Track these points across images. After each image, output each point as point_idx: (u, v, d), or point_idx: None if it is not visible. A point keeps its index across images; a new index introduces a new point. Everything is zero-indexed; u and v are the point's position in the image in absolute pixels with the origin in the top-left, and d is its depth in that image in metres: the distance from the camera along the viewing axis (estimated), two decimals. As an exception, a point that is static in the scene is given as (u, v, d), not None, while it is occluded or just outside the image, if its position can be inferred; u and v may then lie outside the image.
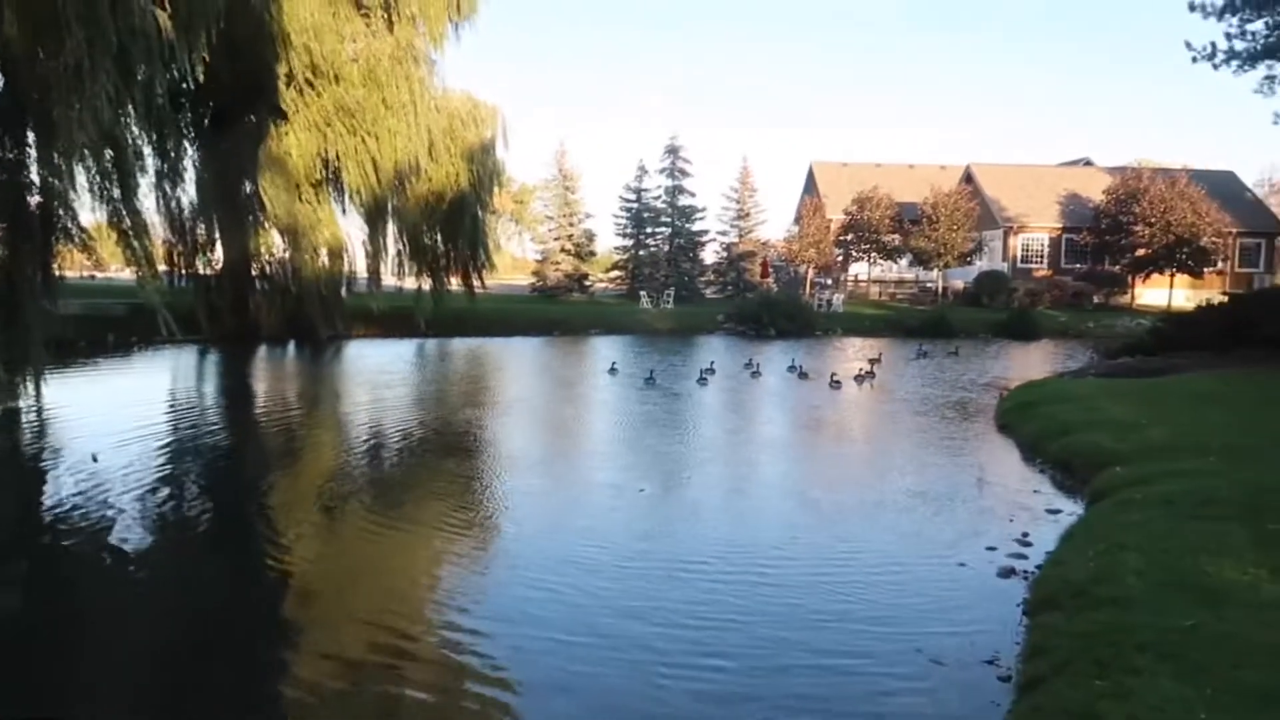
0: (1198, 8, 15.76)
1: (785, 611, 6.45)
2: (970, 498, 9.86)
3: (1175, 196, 41.34)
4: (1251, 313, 20.39)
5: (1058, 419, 12.72)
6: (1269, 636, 4.77)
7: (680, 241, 44.90)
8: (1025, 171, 51.49)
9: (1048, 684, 4.73)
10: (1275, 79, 15.93)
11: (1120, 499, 8.24)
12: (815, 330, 34.79)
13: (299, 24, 23.48)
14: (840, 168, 54.47)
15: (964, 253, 43.43)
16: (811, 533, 8.55)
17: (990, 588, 6.94)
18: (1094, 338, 29.88)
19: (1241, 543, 6.39)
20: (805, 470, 11.78)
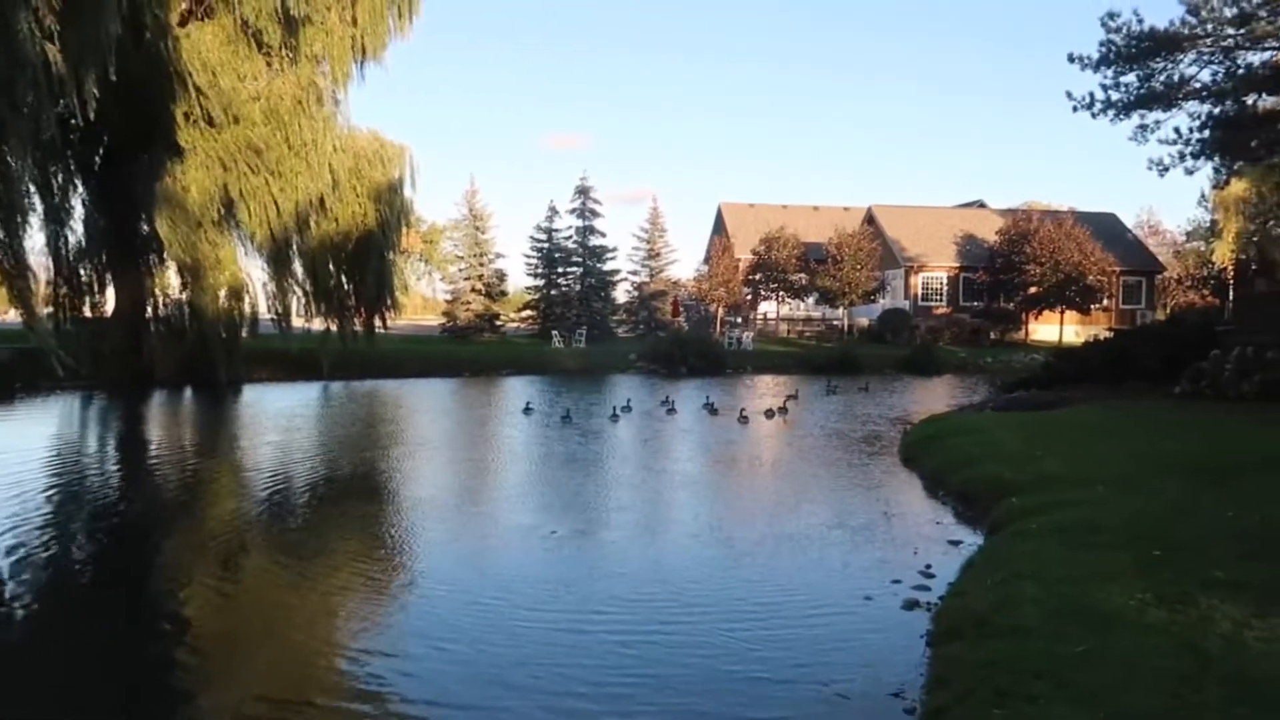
0: (1076, 60, 16.71)
1: (690, 652, 6.39)
2: (876, 531, 10.02)
3: (1063, 237, 43.50)
4: (1135, 347, 21.46)
5: (958, 452, 13.10)
6: (1153, 660, 4.95)
7: (592, 281, 45.10)
8: (924, 213, 53.48)
9: (950, 714, 4.81)
10: (1147, 127, 16.97)
11: (1017, 529, 8.49)
12: (726, 368, 35.20)
13: (198, 61, 22.94)
14: (748, 208, 55.69)
15: (868, 291, 44.78)
16: (720, 570, 8.55)
17: (895, 620, 7.04)
18: (991, 372, 31.01)
19: (1128, 569, 6.63)
20: (717, 507, 11.82)
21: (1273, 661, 4.87)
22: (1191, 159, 17.29)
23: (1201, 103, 16.76)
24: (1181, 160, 17.28)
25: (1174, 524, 8.02)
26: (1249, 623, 5.43)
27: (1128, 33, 15.80)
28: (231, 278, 25.82)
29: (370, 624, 6.94)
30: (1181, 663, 4.91)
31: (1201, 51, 15.98)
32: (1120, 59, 16.03)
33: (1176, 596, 5.95)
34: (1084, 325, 43.04)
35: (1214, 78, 16.36)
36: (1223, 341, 19.17)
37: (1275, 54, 16.18)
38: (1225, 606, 5.72)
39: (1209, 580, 6.27)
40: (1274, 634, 5.24)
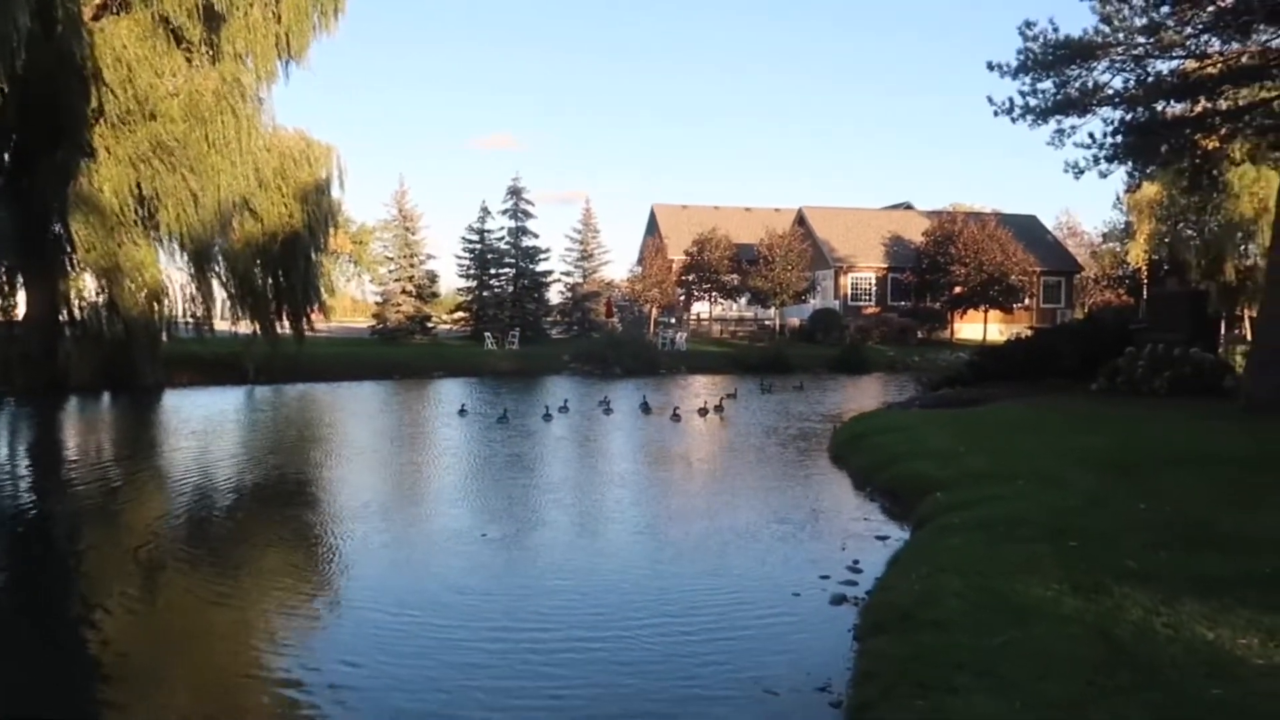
0: (995, 67, 17.16)
1: (620, 652, 6.41)
2: (805, 528, 10.17)
3: (986, 238, 44.62)
4: (1054, 345, 22.13)
5: (885, 449, 13.36)
6: (1068, 648, 5.10)
7: (525, 282, 44.85)
8: (853, 214, 54.39)
9: (875, 708, 4.89)
10: (1064, 132, 17.47)
11: (941, 524, 8.68)
12: (660, 369, 35.32)
13: (111, 57, 22.21)
14: (680, 210, 55.99)
15: (799, 292, 45.36)
16: (651, 569, 8.59)
17: (823, 615, 7.15)
18: (918, 371, 31.63)
19: (1047, 561, 6.83)
20: (650, 506, 11.84)
21: (1178, 647, 5.07)
22: (1105, 163, 17.84)
23: (1114, 109, 17.30)
24: (1096, 164, 17.82)
25: (1090, 516, 8.29)
26: (1158, 610, 5.64)
27: (1044, 41, 16.28)
28: (151, 279, 25.03)
29: (296, 644, 6.64)
30: (1095, 650, 5.08)
31: (1114, 59, 16.51)
32: (1037, 66, 16.50)
33: (1091, 586, 6.15)
34: (1007, 324, 44.20)
35: (1126, 85, 16.91)
36: (1136, 339, 19.89)
37: (1182, 63, 16.83)
38: (1136, 595, 5.93)
39: (1122, 570, 6.50)
40: (1180, 621, 5.45)
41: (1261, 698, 4.40)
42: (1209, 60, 16.50)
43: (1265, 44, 16.14)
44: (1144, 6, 15.75)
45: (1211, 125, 17.93)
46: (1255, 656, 4.90)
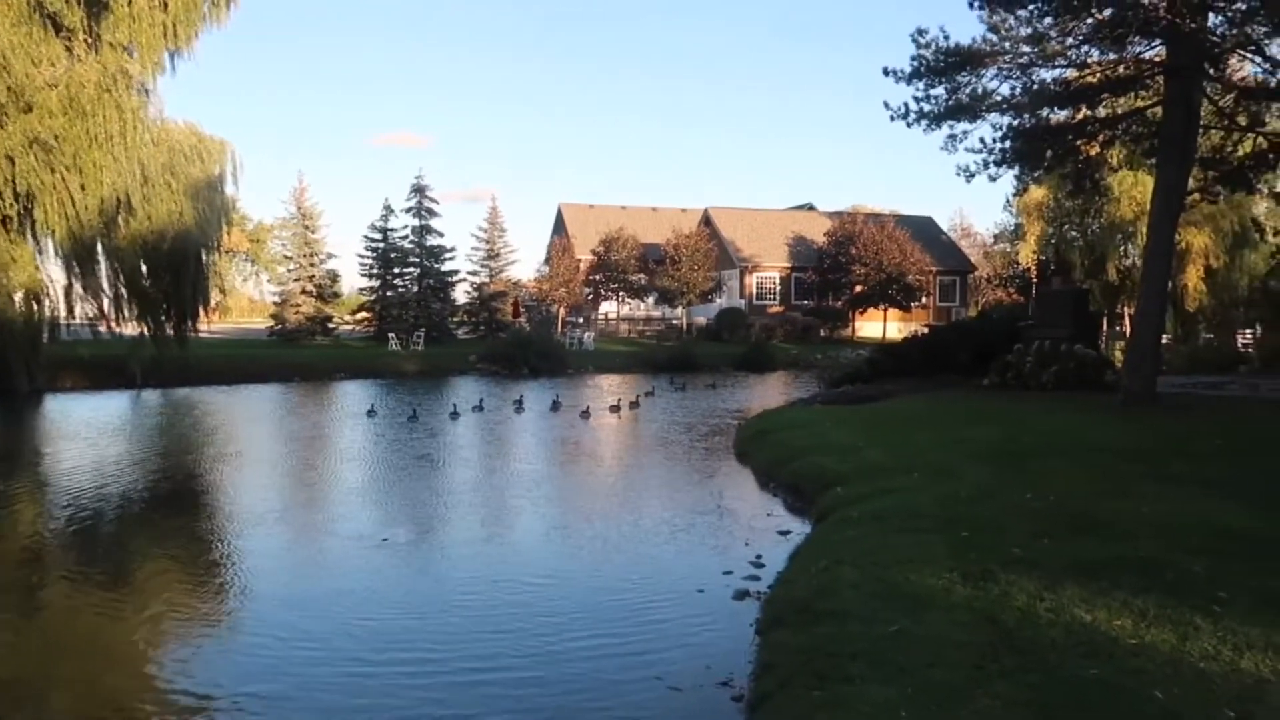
0: (891, 73, 17.62)
1: (522, 652, 6.38)
2: (710, 525, 10.28)
3: (885, 239, 45.90)
4: (948, 342, 22.89)
5: (788, 445, 13.61)
6: (958, 635, 5.29)
7: (430, 282, 44.14)
8: (757, 215, 55.25)
9: (773, 699, 4.98)
10: (956, 137, 18.02)
11: (840, 517, 8.90)
12: (568, 368, 35.23)
13: (-18, 44, 21.02)
14: (588, 209, 55.98)
15: (705, 291, 45.83)
16: (557, 569, 8.58)
17: (727, 610, 7.24)
18: (821, 368, 32.29)
19: (939, 551, 7.06)
20: (557, 506, 11.80)
21: (1059, 630, 5.30)
22: (995, 167, 18.48)
23: (1002, 115, 17.93)
24: (986, 168, 18.45)
25: (980, 507, 8.60)
26: (1041, 595, 5.89)
27: (936, 48, 16.79)
28: (28, 279, 23.76)
29: (185, 662, 6.36)
30: (982, 636, 5.28)
31: (1002, 67, 17.12)
32: (930, 73, 17.00)
33: (980, 574, 6.38)
34: (905, 322, 45.52)
35: (1013, 92, 17.56)
36: (1024, 336, 20.73)
37: (1065, 72, 17.59)
38: (1021, 581, 6.18)
39: (1008, 558, 6.76)
40: (1061, 605, 5.70)
41: (1132, 675, 4.64)
42: (1089, 70, 17.27)
43: (1138, 55, 16.98)
44: (1028, 17, 16.38)
45: (1092, 132, 18.77)
46: (1128, 636, 5.16)
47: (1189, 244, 37.19)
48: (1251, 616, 5.39)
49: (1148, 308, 17.33)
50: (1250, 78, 18.66)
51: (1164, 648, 4.99)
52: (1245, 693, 4.41)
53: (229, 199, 27.84)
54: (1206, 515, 7.95)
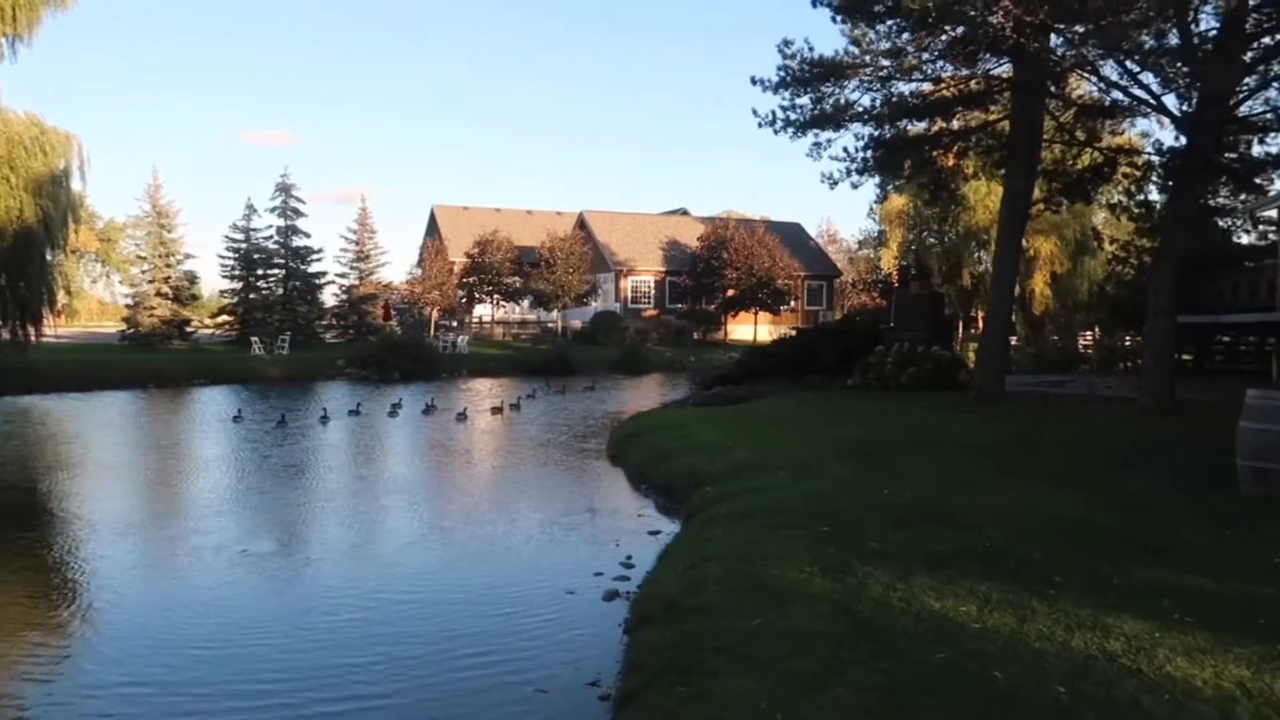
0: (758, 82, 18.08)
1: (388, 659, 6.26)
2: (581, 527, 10.31)
3: (755, 244, 47.00)
4: (815, 345, 23.63)
5: (659, 446, 13.78)
6: (817, 626, 5.48)
7: (296, 284, 42.60)
8: (632, 219, 55.66)
9: (640, 697, 5.03)
10: (821, 145, 18.65)
11: (708, 516, 9.06)
12: (441, 372, 34.66)
13: None
14: (461, 211, 55.22)
15: (580, 294, 45.91)
16: (425, 576, 8.44)
17: (596, 611, 7.28)
18: (694, 370, 32.86)
19: (801, 547, 7.28)
20: (428, 510, 11.57)
21: (910, 618, 5.55)
22: (857, 175, 19.20)
23: (864, 125, 18.64)
24: (849, 176, 19.14)
25: (841, 502, 8.92)
26: (894, 586, 6.15)
27: (801, 59, 17.32)
28: None
29: (17, 685, 6.05)
30: (839, 627, 5.47)
31: (863, 79, 17.80)
32: (795, 82, 17.53)
33: (839, 567, 6.61)
34: (775, 325, 46.72)
35: (874, 103, 18.28)
36: (885, 338, 21.60)
37: (921, 85, 18.43)
38: (877, 573, 6.44)
39: (866, 551, 7.04)
40: (912, 594, 5.97)
41: (975, 657, 4.90)
42: (944, 84, 18.15)
43: (988, 72, 17.96)
44: (888, 32, 17.08)
45: (947, 143, 19.74)
46: (973, 621, 5.45)
47: (1036, 251, 39.50)
48: (1082, 598, 5.78)
49: (997, 311, 18.34)
50: (1087, 96, 19.99)
51: (1004, 630, 5.29)
52: (1075, 670, 4.72)
53: (76, 195, 26.16)
54: (1046, 506, 8.48)
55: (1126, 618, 5.41)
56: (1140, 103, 16.55)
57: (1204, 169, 15.95)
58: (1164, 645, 4.97)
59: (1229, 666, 4.68)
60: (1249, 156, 18.06)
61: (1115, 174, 19.66)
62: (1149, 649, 4.93)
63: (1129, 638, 5.10)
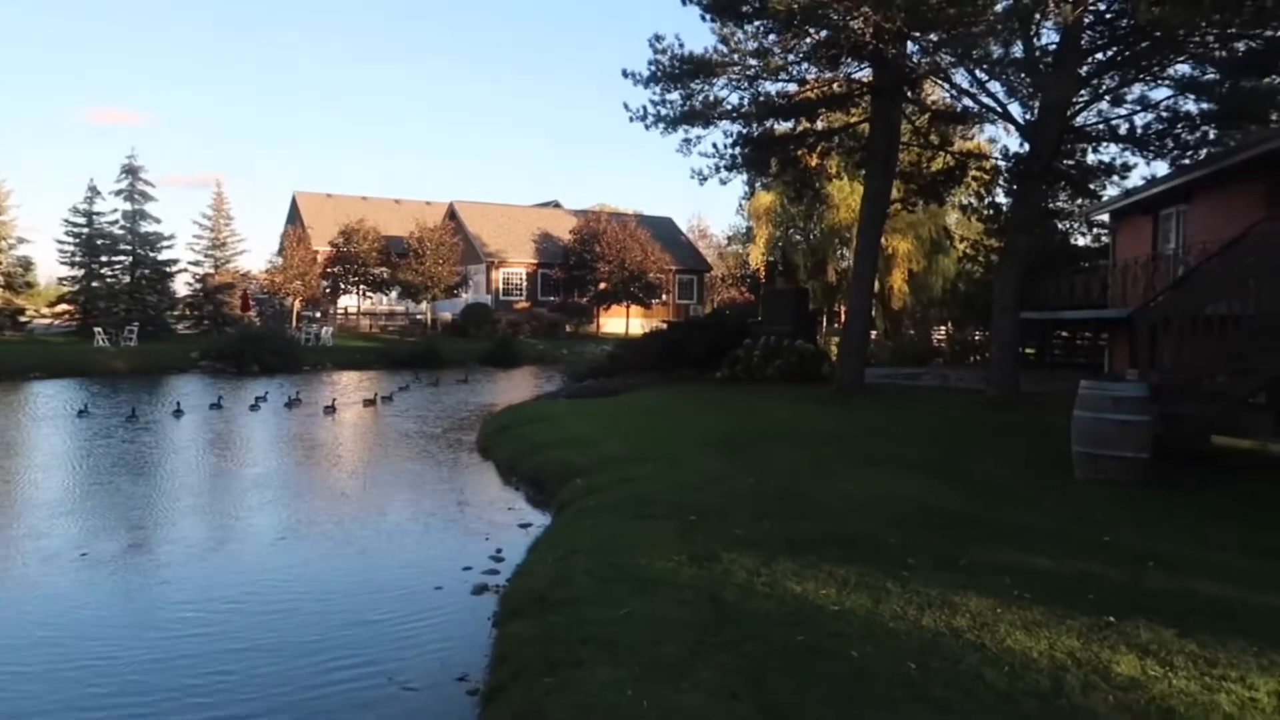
0: (630, 75, 18.22)
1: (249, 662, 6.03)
2: (450, 521, 10.18)
3: (627, 238, 47.31)
4: (685, 338, 23.97)
5: (530, 439, 13.72)
6: (683, 613, 5.58)
7: (145, 272, 40.26)
8: (503, 210, 55.11)
9: (507, 690, 5.01)
10: (690, 141, 18.95)
11: (579, 507, 9.09)
12: (304, 365, 33.50)
13: None
14: (325, 199, 53.45)
15: (450, 286, 45.15)
16: (286, 576, 8.15)
17: (465, 606, 7.20)
18: (566, 363, 32.81)
19: (670, 536, 7.40)
20: (290, 507, 11.16)
21: (773, 602, 5.73)
22: (725, 171, 19.61)
23: (732, 123, 19.05)
24: (717, 172, 19.53)
25: (709, 492, 9.09)
26: (759, 572, 6.33)
27: (672, 55, 17.53)
28: None
29: None
30: (705, 613, 5.59)
31: (731, 78, 18.17)
32: (666, 78, 17.74)
33: (705, 555, 6.75)
34: (646, 318, 47.13)
35: (742, 101, 18.70)
36: (753, 332, 22.13)
37: (787, 85, 18.95)
38: (742, 560, 6.61)
39: (732, 539, 7.20)
40: (775, 579, 6.16)
41: (833, 638, 5.10)
42: (808, 86, 18.72)
43: (849, 75, 18.62)
44: (755, 32, 17.48)
45: (811, 143, 20.37)
46: (831, 604, 5.67)
47: (894, 249, 41.18)
48: (933, 579, 6.09)
49: (857, 306, 19.06)
50: (941, 102, 21.00)
51: (861, 612, 5.52)
52: (925, 646, 4.97)
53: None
54: (901, 491, 8.89)
55: (972, 596, 5.73)
56: (988, 110, 17.51)
57: (1044, 174, 16.99)
58: (1005, 620, 5.30)
59: (1062, 638, 5.02)
60: (1084, 164, 19.34)
61: (966, 177, 20.73)
62: (991, 624, 5.24)
63: (974, 614, 5.41)
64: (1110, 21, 15.32)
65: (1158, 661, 4.69)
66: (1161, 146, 16.19)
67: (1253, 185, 14.75)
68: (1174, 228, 18.30)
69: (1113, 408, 9.20)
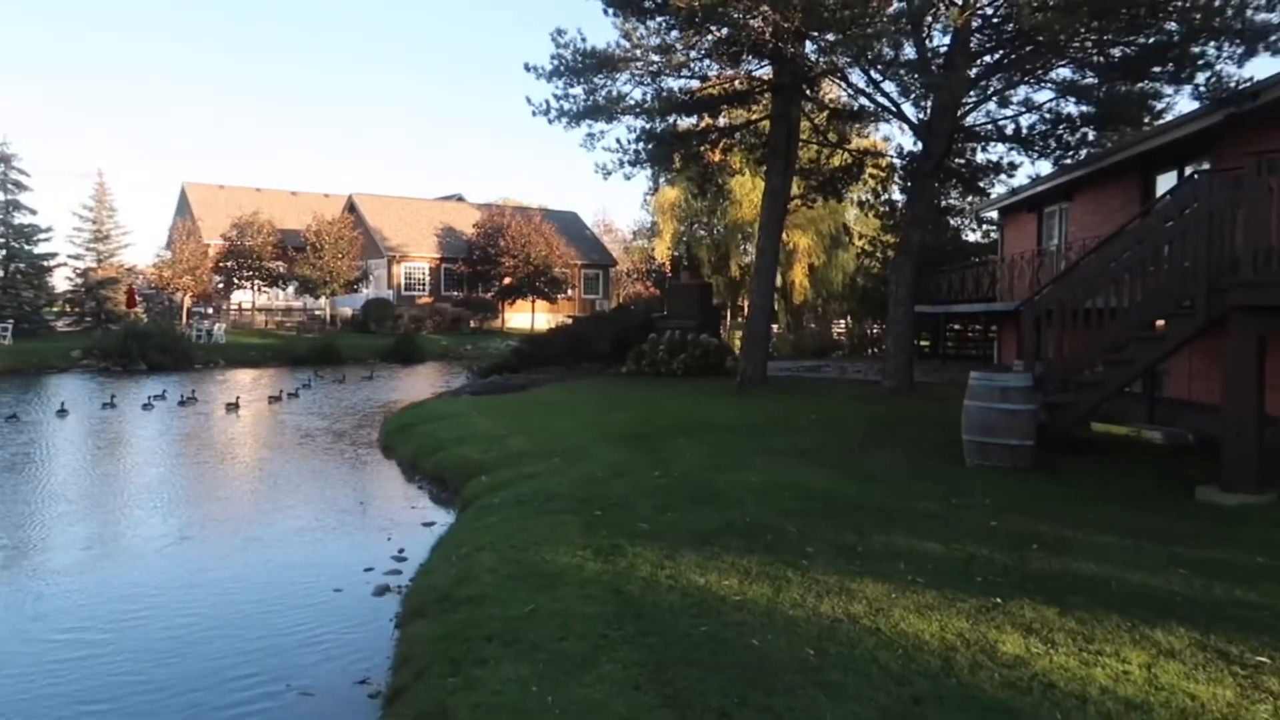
0: (532, 69, 18.07)
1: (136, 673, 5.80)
2: (350, 521, 9.96)
3: (532, 232, 47.02)
4: (590, 333, 23.99)
5: (433, 437, 13.53)
6: (588, 607, 5.59)
7: (20, 266, 38.10)
8: (405, 204, 54.10)
9: (410, 691, 4.94)
10: (594, 136, 18.92)
11: (482, 504, 9.01)
12: (195, 363, 32.31)
13: None
14: (217, 190, 51.60)
15: (350, 281, 44.10)
16: (177, 582, 7.84)
17: (366, 608, 7.06)
18: (470, 359, 32.43)
19: (574, 531, 7.40)
20: (183, 509, 10.70)
21: (676, 594, 5.79)
22: (629, 166, 19.65)
23: (636, 118, 19.09)
24: (621, 167, 19.56)
25: (613, 486, 9.13)
26: (662, 564, 6.39)
27: (574, 49, 17.47)
28: None
29: None
30: (609, 607, 5.61)
31: (635, 73, 18.20)
32: (569, 72, 17.65)
33: (610, 549, 6.78)
34: (552, 313, 47.00)
35: (645, 97, 18.76)
36: (658, 327, 22.28)
37: (690, 81, 19.09)
38: (646, 553, 6.66)
39: (636, 532, 7.25)
40: (679, 571, 6.22)
41: (735, 627, 5.18)
42: (710, 82, 18.89)
43: (750, 73, 18.88)
44: (658, 28, 17.56)
45: (714, 139, 20.59)
46: (733, 594, 5.76)
47: (795, 244, 42.02)
48: (831, 566, 6.25)
49: (759, 300, 19.36)
50: (838, 100, 21.47)
51: (762, 601, 5.62)
52: (823, 632, 5.10)
53: None
54: (801, 481, 9.08)
55: (868, 582, 5.90)
56: (883, 109, 17.98)
57: (937, 172, 17.56)
58: (899, 605, 5.48)
59: (952, 620, 5.22)
60: (974, 162, 20.05)
61: (863, 174, 21.26)
62: (886, 609, 5.41)
63: (870, 600, 5.57)
64: (997, 26, 15.90)
65: (1040, 639, 4.92)
66: (1045, 147, 16.90)
67: (1127, 184, 15.56)
68: (1057, 224, 19.16)
69: (1000, 398, 9.59)
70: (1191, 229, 9.05)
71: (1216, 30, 12.74)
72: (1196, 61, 13.30)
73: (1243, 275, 8.18)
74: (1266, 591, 5.65)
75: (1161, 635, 4.94)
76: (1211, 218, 8.81)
